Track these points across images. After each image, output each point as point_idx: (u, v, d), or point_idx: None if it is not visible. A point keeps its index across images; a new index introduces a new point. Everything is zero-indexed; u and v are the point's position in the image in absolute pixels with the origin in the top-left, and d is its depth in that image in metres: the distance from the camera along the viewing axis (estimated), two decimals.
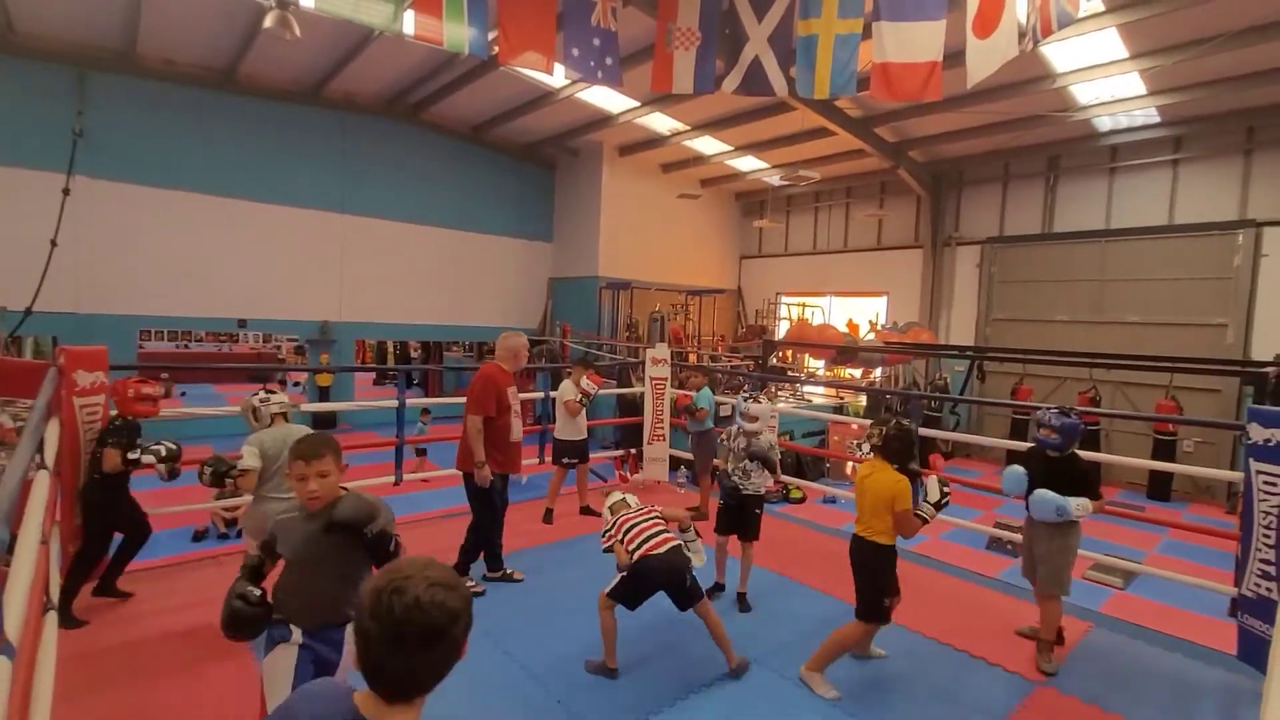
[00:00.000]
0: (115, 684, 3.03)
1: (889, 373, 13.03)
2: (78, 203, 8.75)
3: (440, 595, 1.01)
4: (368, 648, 1.00)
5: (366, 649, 1.00)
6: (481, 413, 3.99)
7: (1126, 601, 5.44)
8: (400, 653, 0.99)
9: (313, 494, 2.02)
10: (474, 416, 3.98)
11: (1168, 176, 10.29)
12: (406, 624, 0.98)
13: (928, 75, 5.36)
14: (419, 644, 0.99)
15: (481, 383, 4.04)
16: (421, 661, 1.01)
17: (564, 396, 5.77)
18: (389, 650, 0.99)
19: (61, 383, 3.65)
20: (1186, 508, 9.13)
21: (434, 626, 0.99)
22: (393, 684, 1.02)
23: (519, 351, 4.24)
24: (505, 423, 4.10)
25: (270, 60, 9.54)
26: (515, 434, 4.21)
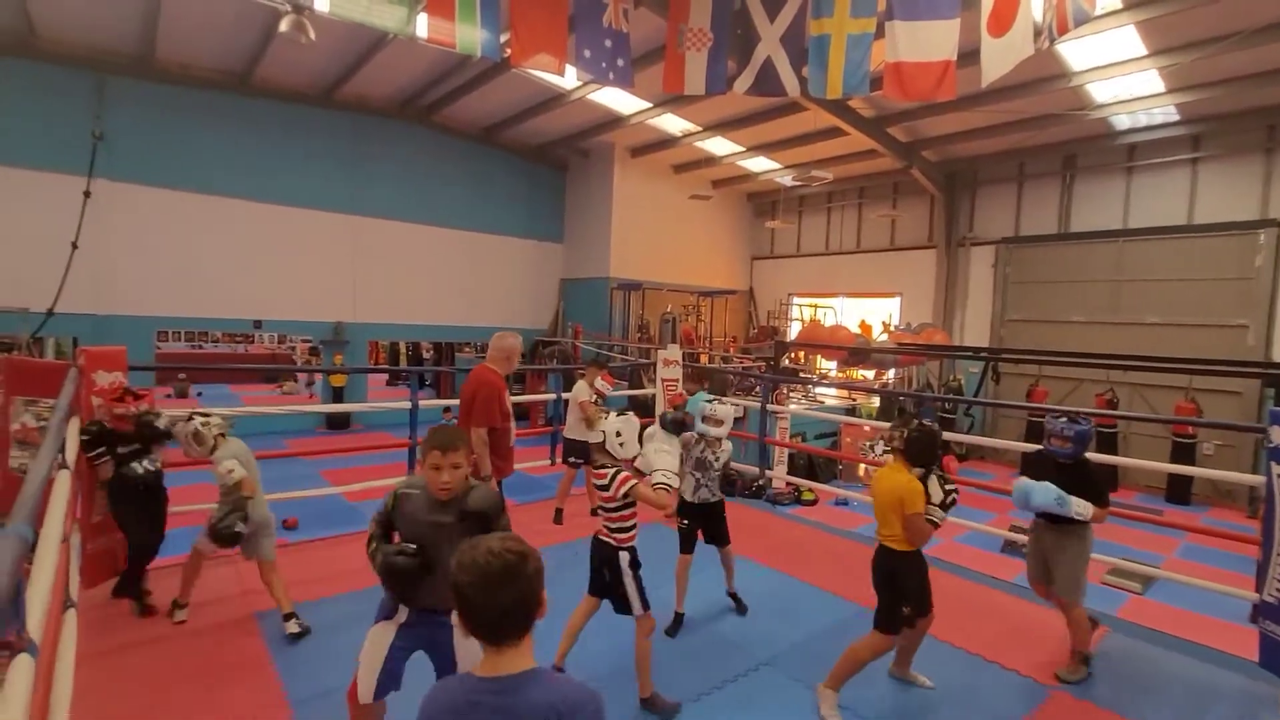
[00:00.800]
0: (131, 683, 3.07)
1: (902, 374, 12.94)
2: (98, 205, 8.89)
3: (510, 544, 1.24)
4: (465, 602, 1.21)
5: (465, 603, 1.21)
6: (487, 423, 3.74)
7: (1144, 606, 5.36)
8: (489, 593, 1.19)
9: (446, 484, 2.12)
10: (479, 429, 3.71)
11: (1187, 175, 10.14)
12: (488, 568, 1.19)
13: (941, 74, 5.32)
14: (501, 582, 1.19)
15: (484, 391, 3.78)
16: (508, 598, 1.20)
17: (578, 397, 5.78)
18: (481, 595, 1.19)
19: (82, 383, 3.71)
20: (1206, 512, 8.99)
21: (509, 566, 1.20)
22: (494, 626, 1.21)
23: (512, 353, 4.06)
24: (505, 429, 3.89)
25: (285, 63, 9.64)
26: (511, 438, 4.09)
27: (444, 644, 2.20)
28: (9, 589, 1.10)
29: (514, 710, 1.16)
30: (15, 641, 1.25)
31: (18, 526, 1.34)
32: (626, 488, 2.95)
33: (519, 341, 4.16)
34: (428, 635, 2.22)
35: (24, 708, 1.07)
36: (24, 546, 1.32)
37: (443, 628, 2.18)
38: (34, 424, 3.64)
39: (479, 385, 3.83)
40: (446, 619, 2.15)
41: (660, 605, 4.04)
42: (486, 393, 3.79)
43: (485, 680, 1.20)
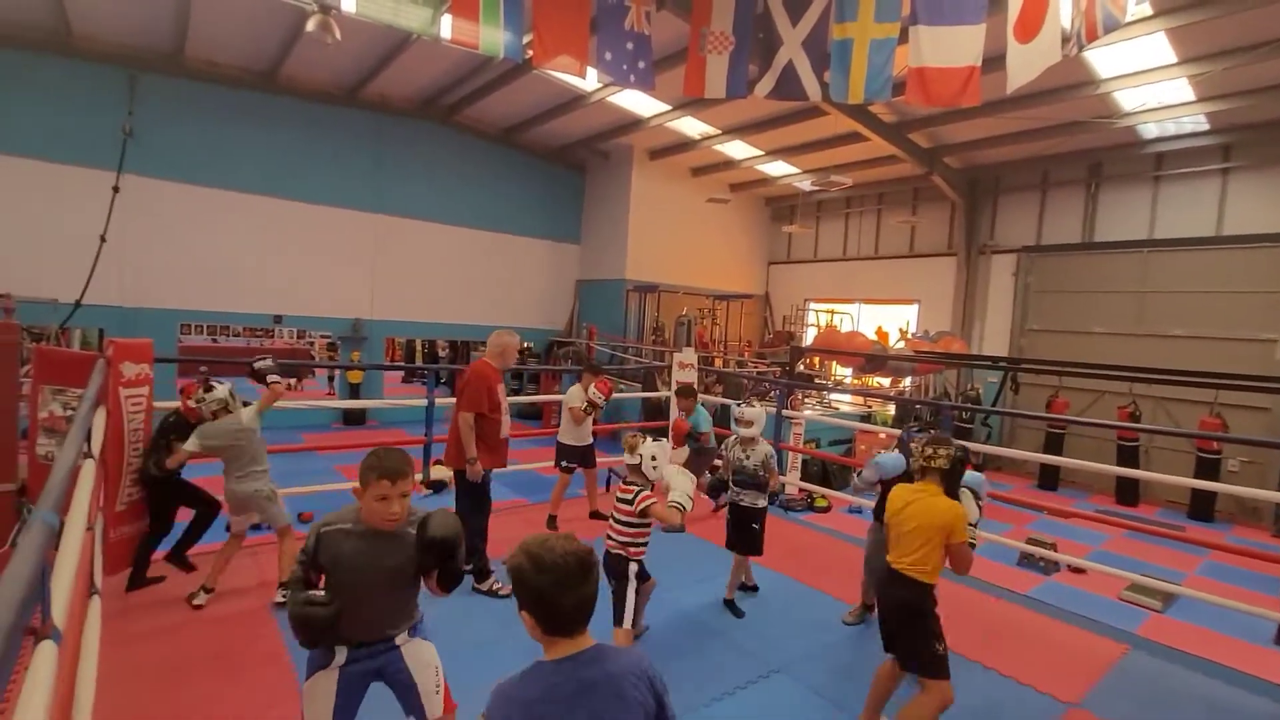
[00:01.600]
0: (152, 670, 3.12)
1: (919, 382, 12.80)
2: (126, 200, 9.06)
3: (573, 541, 1.35)
4: (545, 599, 1.30)
5: (545, 600, 1.30)
6: (474, 409, 4.04)
7: (1165, 624, 5.25)
8: (570, 589, 1.30)
9: (393, 516, 1.95)
10: (466, 414, 4.04)
11: (1216, 186, 9.93)
12: (566, 566, 1.29)
13: (966, 80, 5.27)
14: (580, 578, 1.31)
15: (475, 381, 4.07)
16: (587, 591, 1.33)
17: (570, 402, 5.77)
18: (562, 592, 1.29)
19: (109, 374, 3.78)
20: (1230, 529, 8.79)
21: (584, 561, 1.33)
22: (573, 617, 1.32)
23: (506, 349, 4.25)
24: (496, 419, 4.14)
25: (310, 63, 9.78)
26: (504, 430, 4.27)
27: (395, 667, 2.08)
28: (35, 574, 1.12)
29: (612, 676, 1.31)
30: (40, 628, 1.27)
31: (44, 513, 1.37)
32: (645, 505, 3.17)
33: (515, 339, 4.31)
34: (373, 667, 2.06)
35: (48, 693, 1.09)
36: (50, 533, 1.34)
37: (388, 651, 2.07)
38: (61, 413, 3.71)
39: (472, 375, 4.13)
40: (387, 642, 2.06)
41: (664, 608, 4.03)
42: (477, 382, 4.06)
43: (566, 661, 1.31)
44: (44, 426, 3.76)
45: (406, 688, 2.10)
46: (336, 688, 2.00)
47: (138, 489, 3.99)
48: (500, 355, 4.23)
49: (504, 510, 6.06)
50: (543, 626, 1.32)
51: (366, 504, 1.96)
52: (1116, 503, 9.74)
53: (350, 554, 1.96)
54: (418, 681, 2.10)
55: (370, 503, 1.94)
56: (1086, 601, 5.20)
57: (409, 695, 2.11)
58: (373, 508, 1.94)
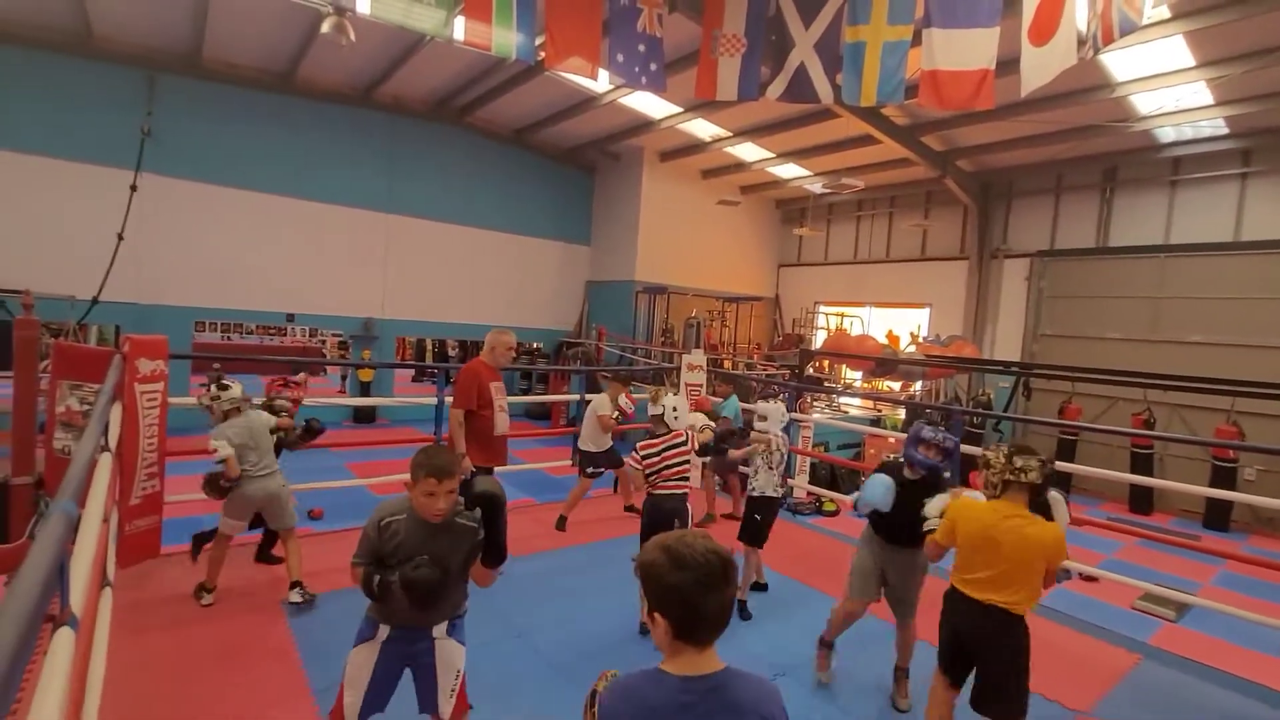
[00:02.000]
0: (162, 662, 3.16)
1: (929, 387, 12.72)
2: (143, 199, 9.19)
3: (711, 542, 1.23)
4: (686, 599, 1.18)
5: (685, 600, 1.18)
6: (463, 406, 4.08)
7: (1178, 635, 5.18)
8: (712, 591, 1.18)
9: (439, 511, 2.11)
10: (455, 410, 4.10)
11: (1235, 191, 9.81)
12: (709, 566, 1.18)
13: (979, 83, 5.24)
14: (723, 580, 1.20)
15: (464, 378, 4.15)
16: (727, 596, 1.20)
17: (599, 411, 5.77)
18: (703, 593, 1.17)
19: (125, 369, 3.83)
20: (1246, 539, 8.66)
21: (726, 564, 1.21)
22: (713, 624, 1.20)
23: (498, 347, 4.30)
24: (487, 416, 4.16)
25: (325, 64, 9.88)
26: (499, 428, 4.27)
27: (425, 659, 2.21)
28: (56, 562, 1.15)
29: (735, 706, 1.19)
30: (58, 615, 1.30)
31: (64, 503, 1.39)
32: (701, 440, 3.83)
33: (507, 336, 4.38)
34: (409, 651, 2.21)
35: (65, 677, 1.11)
36: (70, 523, 1.36)
37: (422, 640, 2.21)
38: (78, 407, 3.77)
39: (462, 372, 4.24)
40: (425, 632, 2.20)
41: None
42: (467, 379, 4.14)
43: (692, 680, 1.20)
44: (61, 421, 3.82)
45: (428, 682, 2.22)
46: (376, 660, 2.17)
47: (152, 483, 4.04)
48: (491, 352, 4.29)
49: (511, 510, 6.08)
50: (675, 631, 1.20)
51: (415, 498, 2.12)
52: (1130, 511, 9.63)
53: (406, 541, 2.12)
54: (439, 679, 2.21)
55: (418, 497, 2.10)
56: (1098, 610, 5.15)
57: (428, 690, 2.22)
58: (420, 502, 2.10)
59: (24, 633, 0.85)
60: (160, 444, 4.10)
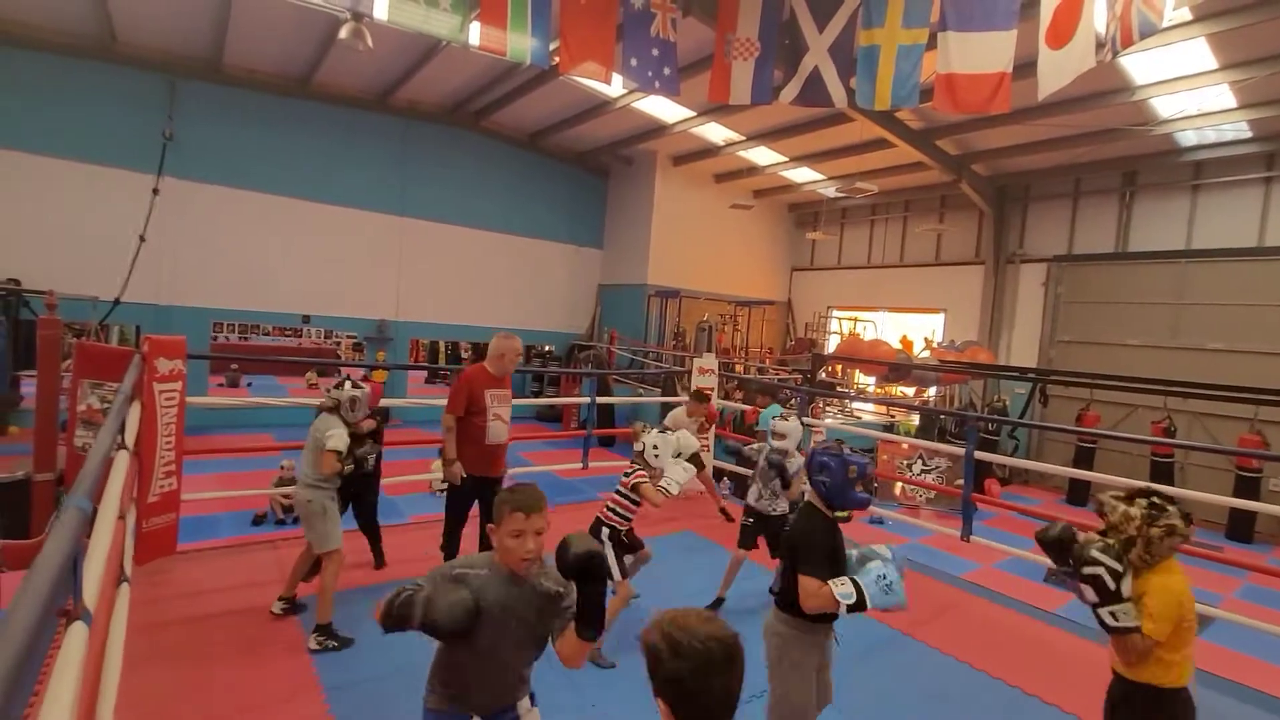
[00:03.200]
0: (177, 657, 3.19)
1: (944, 392, 12.59)
2: (164, 202, 9.35)
3: (714, 623, 1.16)
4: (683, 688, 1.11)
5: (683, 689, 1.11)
6: (451, 411, 4.01)
7: (1200, 648, 5.05)
8: (712, 679, 1.11)
9: (530, 554, 1.79)
10: (446, 415, 4.03)
11: (1259, 195, 9.62)
12: (709, 653, 1.11)
13: (996, 86, 5.19)
14: (725, 667, 1.12)
15: (458, 381, 4.10)
16: (733, 683, 1.13)
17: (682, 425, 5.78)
18: (702, 681, 1.11)
19: (145, 369, 3.89)
20: (1271, 551, 8.46)
21: (729, 649, 1.13)
22: (713, 712, 1.13)
23: (503, 354, 4.12)
24: (480, 424, 4.04)
25: (342, 70, 10.00)
26: (493, 436, 4.06)
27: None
28: (69, 557, 1.16)
29: None
30: (72, 609, 1.31)
31: (78, 499, 1.41)
32: (636, 482, 3.54)
33: (513, 342, 4.17)
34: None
35: (78, 671, 1.12)
36: (83, 518, 1.38)
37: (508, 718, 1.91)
38: (99, 406, 3.84)
39: (456, 378, 4.16)
40: (515, 708, 1.90)
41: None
42: (457, 384, 4.06)
43: None
44: (82, 419, 3.89)
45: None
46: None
47: (170, 481, 4.10)
48: (498, 359, 4.12)
49: None
50: (678, 717, 1.15)
51: (502, 542, 1.81)
52: None
53: (492, 602, 1.77)
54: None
55: (506, 540, 1.79)
56: None
57: None
58: (510, 546, 1.79)
59: (35, 627, 0.86)
60: (178, 443, 4.16)
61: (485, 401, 4.04)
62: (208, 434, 8.44)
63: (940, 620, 4.09)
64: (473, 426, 4.03)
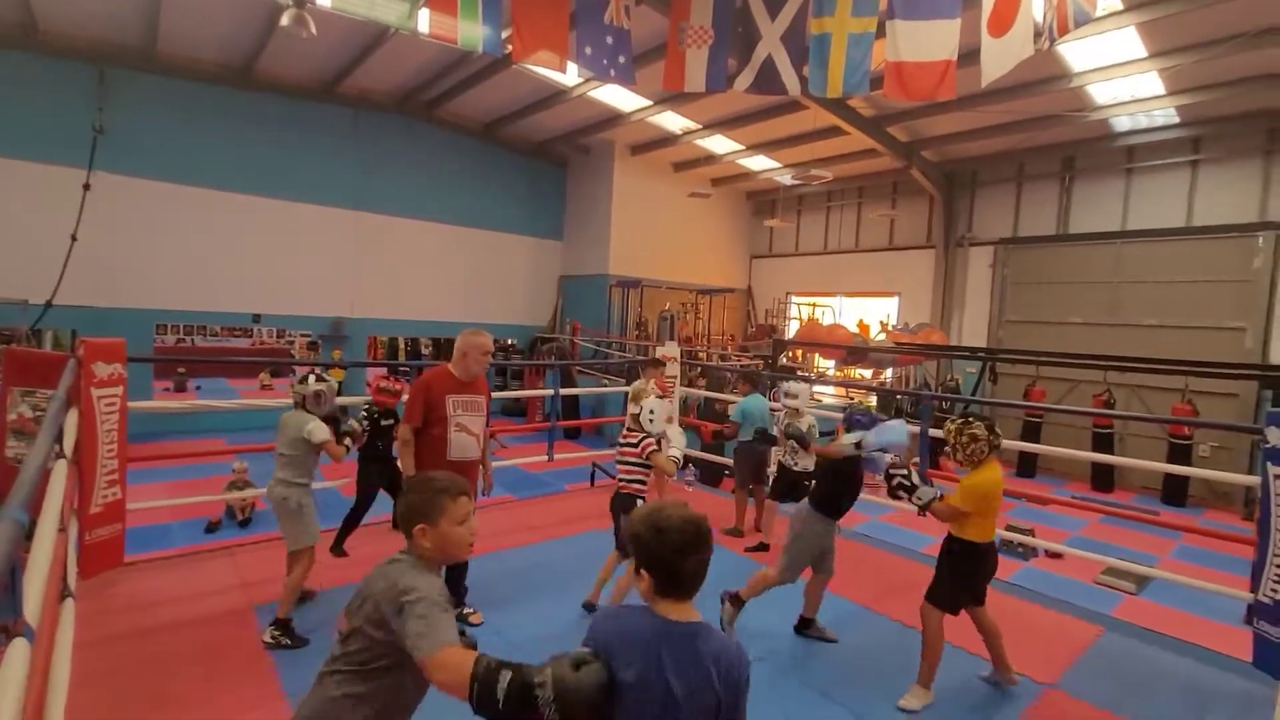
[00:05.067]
0: (130, 670, 3.08)
1: (900, 373, 12.95)
2: (97, 198, 8.88)
3: (690, 511, 1.42)
4: (670, 560, 1.37)
5: (669, 562, 1.37)
6: (408, 421, 3.47)
7: (1139, 607, 5.38)
8: (695, 550, 1.37)
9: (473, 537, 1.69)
10: (402, 426, 3.50)
11: (1186, 178, 10.15)
12: (688, 530, 1.37)
13: (942, 74, 5.33)
14: (699, 542, 1.38)
15: (415, 387, 3.54)
16: (707, 554, 1.40)
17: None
18: (684, 555, 1.36)
19: (80, 374, 3.70)
20: (1202, 513, 9.01)
21: (704, 528, 1.40)
22: (690, 581, 1.39)
23: (465, 352, 3.55)
24: (440, 435, 3.46)
25: (286, 58, 9.64)
26: (456, 451, 3.49)
27: None
28: (5, 571, 1.11)
29: (694, 652, 1.34)
30: (11, 626, 1.26)
31: (12, 510, 1.35)
32: (649, 451, 3.80)
33: (480, 339, 3.60)
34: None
35: (19, 689, 1.07)
36: (19, 530, 1.32)
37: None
38: (30, 414, 3.64)
39: (414, 383, 3.58)
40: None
41: None
42: (415, 389, 3.52)
43: (672, 623, 1.37)
44: (13, 429, 3.68)
45: None
46: None
47: (114, 491, 3.92)
48: (460, 359, 3.56)
49: (491, 507, 6.04)
50: (657, 587, 1.39)
51: (447, 532, 1.62)
52: (1092, 489, 9.95)
53: None
54: None
55: (453, 530, 1.62)
56: (1063, 586, 5.32)
57: None
58: (456, 535, 1.63)
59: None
60: (121, 450, 3.97)
61: (447, 409, 3.47)
62: (155, 440, 8.10)
63: (902, 595, 4.23)
64: (432, 439, 3.46)
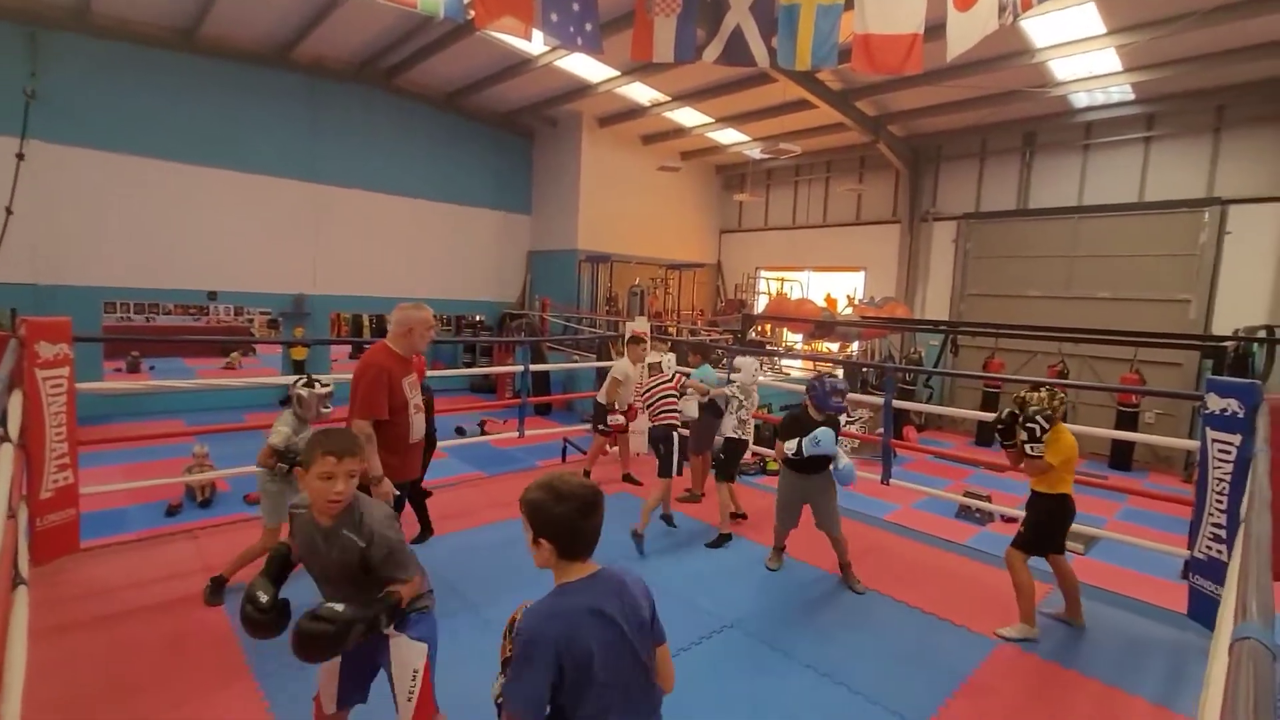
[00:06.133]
0: (90, 657, 3.01)
1: (866, 347, 13.21)
2: (33, 169, 8.38)
3: (584, 479, 1.55)
4: (567, 525, 1.47)
5: (566, 526, 1.47)
6: (370, 415, 3.03)
7: (1087, 565, 5.66)
8: (589, 516, 1.48)
9: (337, 497, 1.85)
10: (361, 421, 3.03)
11: (1140, 154, 10.45)
12: (585, 496, 1.48)
13: (909, 47, 5.34)
14: (595, 505, 1.50)
15: (369, 374, 3.04)
16: (598, 520, 1.51)
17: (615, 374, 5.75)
18: (583, 518, 1.47)
19: (23, 355, 3.54)
20: (1146, 476, 9.48)
21: (597, 494, 1.52)
22: (589, 542, 1.51)
23: (410, 328, 3.21)
24: (401, 422, 3.15)
25: (233, 21, 9.15)
26: (416, 433, 3.28)
27: (384, 659, 2.04)
28: None
29: (621, 590, 1.54)
30: None
31: None
32: (683, 381, 4.95)
33: (423, 313, 3.28)
34: (369, 652, 2.01)
35: None
36: None
37: (378, 648, 2.01)
38: None
39: (364, 369, 3.09)
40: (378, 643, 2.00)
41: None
42: (372, 375, 3.05)
43: (585, 579, 1.50)
44: None
45: (392, 684, 2.03)
46: (338, 665, 2.05)
47: (65, 475, 3.79)
48: (405, 335, 3.21)
49: (462, 484, 6.02)
50: (561, 551, 1.48)
51: (310, 485, 1.87)
52: None
53: (307, 540, 1.95)
54: (394, 682, 2.01)
55: (314, 484, 1.85)
56: None
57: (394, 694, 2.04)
58: (317, 489, 1.86)
59: None
60: (70, 433, 3.83)
61: (404, 392, 3.16)
62: (108, 423, 7.82)
63: (865, 560, 4.38)
64: (394, 427, 3.13)
